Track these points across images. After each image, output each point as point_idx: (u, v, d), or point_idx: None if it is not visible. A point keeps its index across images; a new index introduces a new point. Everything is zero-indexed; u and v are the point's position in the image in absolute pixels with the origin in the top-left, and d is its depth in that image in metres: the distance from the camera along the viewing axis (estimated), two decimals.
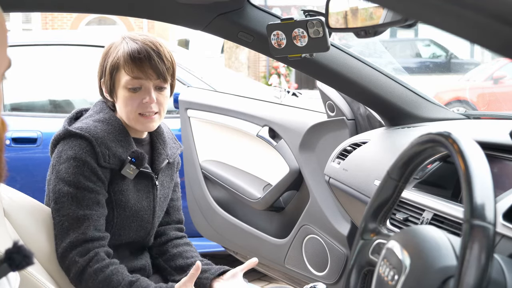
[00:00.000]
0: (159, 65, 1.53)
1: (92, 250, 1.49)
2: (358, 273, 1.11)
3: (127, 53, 1.52)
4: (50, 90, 3.81)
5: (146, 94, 1.54)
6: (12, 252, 0.75)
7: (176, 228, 1.78)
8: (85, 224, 1.49)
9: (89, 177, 1.50)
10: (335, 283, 2.25)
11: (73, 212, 1.49)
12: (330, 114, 2.19)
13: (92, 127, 1.53)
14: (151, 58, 1.52)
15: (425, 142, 1.00)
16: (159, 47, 1.55)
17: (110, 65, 1.55)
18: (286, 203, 2.46)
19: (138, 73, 1.52)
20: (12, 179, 3.19)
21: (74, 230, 1.49)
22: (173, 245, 1.73)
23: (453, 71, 12.26)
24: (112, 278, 1.48)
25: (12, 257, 0.75)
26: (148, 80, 1.53)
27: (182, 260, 1.69)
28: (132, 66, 1.51)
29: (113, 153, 1.53)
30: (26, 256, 0.75)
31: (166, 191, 1.69)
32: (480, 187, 0.82)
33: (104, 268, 1.49)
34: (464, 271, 0.79)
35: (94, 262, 1.48)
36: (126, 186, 1.57)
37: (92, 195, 1.50)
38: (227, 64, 10.78)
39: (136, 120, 1.56)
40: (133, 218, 1.59)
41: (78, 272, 1.48)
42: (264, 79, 13.12)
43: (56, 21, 15.83)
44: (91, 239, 1.49)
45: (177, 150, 1.74)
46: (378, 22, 1.37)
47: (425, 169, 1.53)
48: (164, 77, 1.54)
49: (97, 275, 1.48)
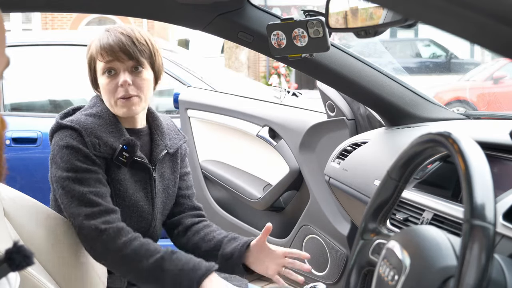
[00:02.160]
0: (130, 47, 1.56)
1: (115, 221, 1.50)
2: (358, 273, 1.11)
3: (99, 42, 1.58)
4: (50, 90, 3.81)
5: (119, 77, 1.58)
6: (12, 252, 0.75)
7: (192, 215, 1.77)
8: (94, 199, 1.51)
9: (84, 161, 1.53)
10: (335, 283, 2.25)
11: (78, 191, 1.51)
12: (330, 114, 2.19)
13: (83, 119, 1.57)
14: (120, 41, 1.56)
15: (425, 142, 1.00)
16: (129, 32, 1.59)
17: (88, 58, 1.62)
18: (286, 203, 2.46)
19: (109, 57, 1.56)
20: (12, 179, 3.19)
21: (86, 205, 1.50)
22: (193, 232, 1.73)
23: (453, 71, 12.25)
24: (150, 246, 1.50)
25: (12, 257, 0.75)
26: (120, 62, 1.57)
27: (205, 244, 1.69)
28: (103, 52, 1.56)
29: (104, 142, 1.56)
30: (26, 256, 0.75)
31: (166, 183, 1.69)
32: (480, 187, 0.82)
33: (137, 237, 1.51)
34: (464, 271, 0.79)
35: (125, 232, 1.50)
36: (123, 176, 1.58)
37: (92, 174, 1.53)
38: (227, 64, 10.77)
39: (117, 106, 1.59)
40: (133, 209, 1.61)
41: (108, 240, 1.48)
42: (264, 79, 13.12)
43: (56, 21, 15.83)
44: (107, 211, 1.51)
45: (180, 141, 1.74)
46: (378, 22, 1.37)
47: (425, 169, 1.53)
48: (137, 58, 1.57)
49: (133, 242, 1.49)
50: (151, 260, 1.48)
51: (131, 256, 1.48)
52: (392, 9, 1.18)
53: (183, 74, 3.40)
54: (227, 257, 1.63)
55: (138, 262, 1.48)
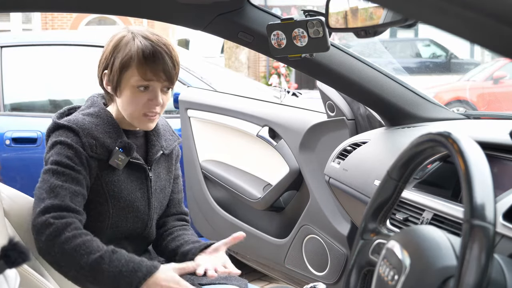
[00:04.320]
0: (171, 68, 1.53)
1: (68, 218, 1.45)
2: (358, 273, 1.11)
3: (142, 53, 1.51)
4: (50, 90, 3.81)
5: (153, 95, 1.54)
6: (8, 249, 0.75)
7: (177, 218, 1.78)
8: (62, 193, 1.46)
9: (72, 158, 1.50)
10: (335, 283, 2.25)
11: (51, 183, 1.47)
12: (330, 114, 2.19)
13: (80, 119, 1.55)
14: (165, 62, 1.52)
15: (425, 142, 1.00)
16: (171, 50, 1.55)
17: (120, 62, 1.53)
18: (286, 203, 2.46)
19: (150, 75, 1.52)
20: (12, 179, 3.19)
21: (50, 198, 1.46)
22: (169, 233, 1.73)
23: (453, 71, 12.26)
24: (92, 244, 1.44)
25: (8, 254, 0.75)
26: (157, 81, 1.53)
27: (174, 243, 1.69)
28: (145, 67, 1.51)
29: (100, 143, 1.54)
30: (21, 253, 0.75)
31: (162, 183, 1.69)
32: (480, 187, 0.82)
33: (83, 234, 1.44)
34: (464, 271, 0.79)
35: (72, 228, 1.43)
36: (117, 177, 1.57)
37: (72, 172, 1.49)
38: (227, 64, 10.76)
39: (138, 120, 1.57)
40: (129, 209, 1.60)
41: (53, 234, 1.42)
42: (264, 79, 13.12)
43: (56, 21, 15.84)
44: (67, 208, 1.46)
45: (174, 142, 1.74)
46: (378, 22, 1.37)
47: (425, 169, 1.53)
48: (172, 80, 1.55)
49: (76, 238, 1.42)
50: (90, 259, 1.42)
51: (70, 253, 1.42)
52: (392, 9, 1.18)
53: (183, 74, 3.40)
54: (184, 253, 1.63)
55: (78, 260, 1.42)
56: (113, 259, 1.44)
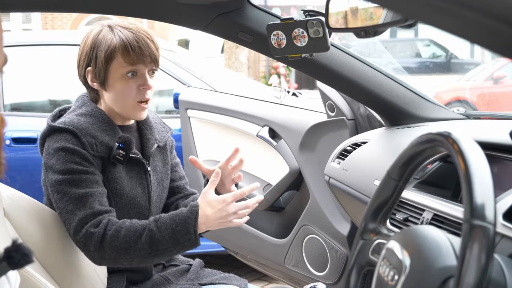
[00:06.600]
0: (154, 51, 1.56)
1: (103, 219, 1.48)
2: (358, 273, 1.11)
3: (125, 41, 1.54)
4: (50, 90, 3.81)
5: (142, 80, 1.56)
6: (11, 251, 0.75)
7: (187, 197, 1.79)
8: (90, 200, 1.49)
9: (80, 162, 1.51)
10: (335, 283, 2.25)
11: (74, 193, 1.49)
12: (330, 114, 2.19)
13: (75, 120, 1.55)
14: (148, 45, 1.55)
15: (425, 142, 1.00)
16: (151, 35, 1.59)
17: (105, 54, 1.54)
18: (286, 203, 2.46)
19: (136, 60, 1.54)
20: (12, 179, 3.19)
21: (80, 209, 1.48)
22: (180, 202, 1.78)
23: (453, 71, 12.26)
24: (135, 226, 1.48)
25: (11, 256, 0.75)
26: (143, 65, 1.56)
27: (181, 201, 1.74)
28: (131, 52, 1.53)
29: (100, 141, 1.54)
30: (25, 254, 0.75)
31: (160, 176, 1.70)
32: (480, 187, 0.82)
33: (122, 224, 1.48)
34: (464, 271, 0.79)
35: (110, 225, 1.47)
36: (119, 174, 1.58)
37: (88, 175, 1.51)
38: (227, 64, 10.76)
39: (133, 108, 1.58)
40: (131, 205, 1.60)
41: (98, 241, 1.46)
42: (264, 79, 13.12)
43: (56, 21, 15.84)
44: (99, 212, 1.49)
45: (167, 133, 1.75)
46: (378, 22, 1.37)
47: (425, 169, 1.53)
48: (157, 61, 1.58)
49: (119, 232, 1.46)
50: (143, 239, 1.46)
51: (123, 246, 1.46)
52: (392, 9, 1.18)
53: (183, 74, 3.40)
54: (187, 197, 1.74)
55: (133, 246, 1.46)
56: (160, 226, 1.48)
